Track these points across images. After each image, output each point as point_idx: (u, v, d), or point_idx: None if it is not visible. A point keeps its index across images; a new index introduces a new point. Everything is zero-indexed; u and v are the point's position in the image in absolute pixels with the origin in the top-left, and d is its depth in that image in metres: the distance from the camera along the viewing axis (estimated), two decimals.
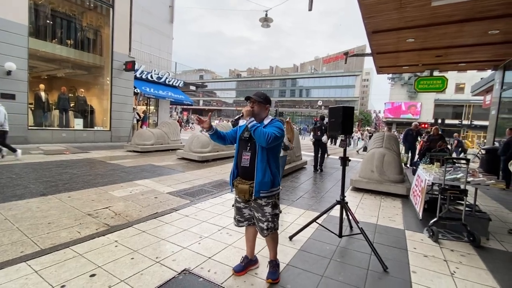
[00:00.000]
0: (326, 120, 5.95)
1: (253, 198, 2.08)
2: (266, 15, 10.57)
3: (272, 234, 2.20)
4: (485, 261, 2.82)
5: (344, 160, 2.89)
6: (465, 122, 31.51)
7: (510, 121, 8.86)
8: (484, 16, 5.01)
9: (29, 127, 9.05)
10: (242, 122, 2.28)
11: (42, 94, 9.94)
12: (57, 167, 5.94)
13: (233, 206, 2.33)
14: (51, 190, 4.24)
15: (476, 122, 30.34)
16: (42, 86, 9.96)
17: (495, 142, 9.00)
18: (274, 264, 2.25)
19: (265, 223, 2.12)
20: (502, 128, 9.34)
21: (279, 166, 2.20)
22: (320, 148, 7.94)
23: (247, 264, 2.34)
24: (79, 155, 7.78)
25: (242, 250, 2.67)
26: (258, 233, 2.24)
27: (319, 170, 7.84)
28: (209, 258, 2.50)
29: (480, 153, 12.91)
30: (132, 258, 2.39)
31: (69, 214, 3.34)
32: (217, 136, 2.23)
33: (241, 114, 2.06)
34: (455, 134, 15.95)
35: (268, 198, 2.09)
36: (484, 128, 30.90)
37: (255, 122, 2.01)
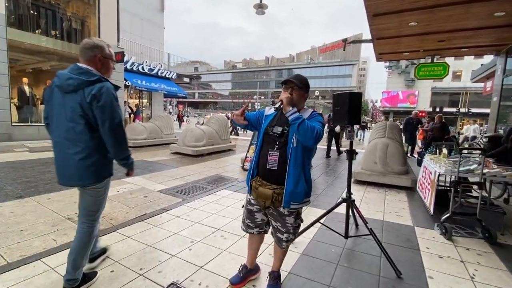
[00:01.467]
0: None
1: (277, 207, 1.73)
2: (261, 1, 10.09)
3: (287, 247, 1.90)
4: (503, 260, 2.57)
5: (351, 153, 2.59)
6: (462, 109, 31.36)
7: None
8: None
9: (13, 124, 8.61)
10: (269, 111, 1.87)
11: (26, 88, 9.45)
12: (41, 165, 5.58)
13: (243, 207, 1.99)
14: (29, 192, 3.90)
15: (473, 110, 30.23)
16: (25, 80, 9.45)
17: (499, 130, 8.78)
18: (275, 275, 1.96)
19: (285, 235, 1.79)
20: (504, 115, 9.13)
21: (310, 171, 1.82)
22: (333, 137, 9.16)
23: (246, 274, 2.03)
24: None
25: (239, 257, 2.39)
26: (275, 243, 1.91)
27: (337, 154, 9.35)
28: (201, 267, 2.21)
29: (482, 140, 12.74)
30: (112, 271, 2.09)
31: (46, 219, 3.02)
32: (245, 125, 1.86)
33: (280, 102, 1.62)
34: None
35: (293, 208, 1.73)
36: (481, 115, 30.87)
37: (298, 113, 1.59)
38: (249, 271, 2.05)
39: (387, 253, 2.36)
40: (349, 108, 2.38)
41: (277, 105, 1.67)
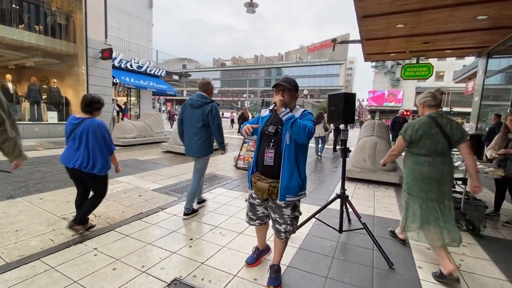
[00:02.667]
0: None
1: (274, 199, 1.88)
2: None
3: (287, 239, 2.01)
4: (487, 251, 2.76)
5: (345, 151, 2.70)
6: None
7: (493, 108, 9.07)
8: (476, 0, 4.91)
9: None
10: (264, 113, 2.03)
11: (10, 85, 9.11)
12: (29, 165, 5.43)
13: (246, 201, 2.18)
14: (20, 192, 3.81)
15: (455, 109, 31.38)
16: (9, 76, 9.11)
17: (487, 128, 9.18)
18: (276, 268, 2.04)
19: (283, 226, 1.91)
20: (484, 114, 9.57)
21: (305, 167, 1.94)
22: (338, 134, 9.85)
23: (260, 254, 2.30)
24: (54, 151, 7.21)
25: (238, 252, 2.46)
26: (275, 235, 2.03)
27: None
28: (202, 263, 2.26)
29: None
30: (114, 269, 2.11)
31: (40, 219, 2.98)
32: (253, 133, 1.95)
33: (274, 104, 1.77)
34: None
35: (290, 201, 1.86)
36: (462, 114, 32.08)
37: (291, 113, 1.72)
38: (261, 252, 2.31)
39: (380, 246, 2.49)
40: (344, 108, 2.48)
41: (271, 107, 1.83)
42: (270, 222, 2.07)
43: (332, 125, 9.51)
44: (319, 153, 8.37)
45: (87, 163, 2.53)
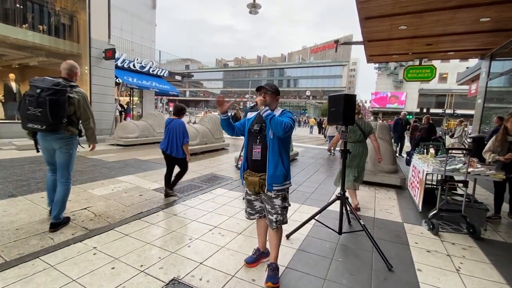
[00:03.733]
0: None
1: (265, 191, 2.04)
2: (254, 0, 10.12)
3: (279, 229, 2.12)
4: (487, 254, 2.73)
5: (345, 153, 2.69)
6: (448, 111, 32.33)
7: (496, 110, 9.00)
8: (478, 3, 4.89)
9: (0, 121, 8.37)
10: (250, 115, 2.23)
11: (13, 84, 9.19)
12: (31, 163, 5.47)
13: (243, 199, 2.29)
14: (21, 191, 3.84)
15: (458, 111, 31.19)
16: (12, 75, 9.19)
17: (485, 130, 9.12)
18: (273, 267, 2.07)
19: (274, 215, 2.06)
20: (487, 117, 9.50)
21: (289, 159, 2.14)
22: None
23: (259, 256, 2.33)
24: None
25: (237, 253, 2.46)
26: (269, 228, 2.17)
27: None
28: (201, 263, 2.26)
29: (466, 141, 13.17)
30: (113, 268, 2.12)
31: (41, 218, 3.00)
32: (227, 123, 2.16)
33: (255, 103, 2.01)
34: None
35: (278, 190, 2.03)
36: (465, 116, 31.85)
37: (270, 111, 1.94)
38: (261, 254, 2.34)
39: (379, 248, 2.48)
40: (344, 109, 2.48)
41: (252, 104, 2.02)
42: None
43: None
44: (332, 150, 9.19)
45: (168, 148, 3.83)
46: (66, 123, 2.66)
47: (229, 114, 2.21)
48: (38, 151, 2.93)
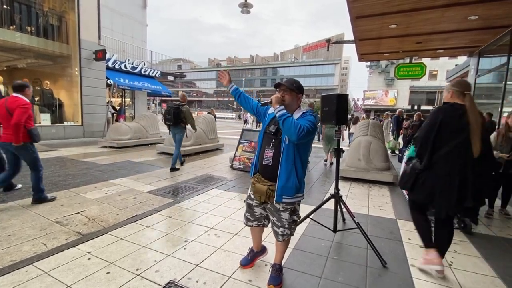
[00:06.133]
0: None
1: (272, 202, 1.87)
2: (246, 0, 10.10)
3: (285, 241, 2.02)
4: (478, 248, 2.80)
5: (338, 151, 2.72)
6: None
7: (485, 106, 9.20)
8: (466, 1, 4.99)
9: None
10: (271, 111, 1.98)
11: (1, 87, 8.95)
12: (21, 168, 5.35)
13: (245, 201, 2.15)
14: (12, 196, 3.77)
15: None
16: (0, 78, 8.97)
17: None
18: (277, 268, 2.05)
19: (280, 229, 1.92)
20: None
21: (305, 169, 1.93)
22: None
23: (254, 256, 2.27)
24: (47, 153, 7.14)
25: (233, 254, 2.46)
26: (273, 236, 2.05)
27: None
28: (197, 265, 2.26)
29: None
30: (108, 273, 2.10)
31: (33, 223, 2.95)
32: (238, 94, 2.03)
33: (270, 100, 1.78)
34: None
35: (288, 204, 1.85)
36: None
37: (285, 111, 1.72)
38: (256, 253, 2.28)
39: (373, 245, 2.51)
40: (337, 109, 2.51)
41: (265, 101, 1.89)
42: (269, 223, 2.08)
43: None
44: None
45: None
46: (180, 121, 5.63)
47: (232, 83, 2.05)
48: (170, 134, 5.99)
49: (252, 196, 2.02)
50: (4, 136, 3.37)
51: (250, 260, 2.25)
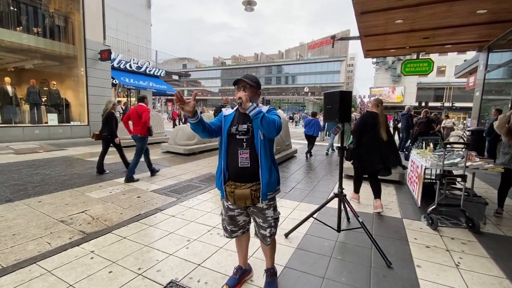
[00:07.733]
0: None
1: (256, 204, 1.77)
2: None
3: (273, 242, 1.94)
4: (486, 248, 2.73)
5: (342, 150, 2.67)
6: (446, 104, 32.30)
7: (495, 102, 8.98)
8: None
9: None
10: (226, 111, 1.88)
11: (9, 88, 9.13)
12: (28, 167, 5.45)
13: (220, 215, 1.96)
14: (19, 195, 3.83)
15: (457, 104, 31.17)
16: (7, 79, 9.13)
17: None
18: (272, 272, 2.00)
19: (268, 229, 1.83)
20: (485, 109, 9.48)
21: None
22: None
23: (242, 275, 2.05)
24: (54, 153, 7.24)
25: (235, 253, 2.43)
26: (260, 242, 1.94)
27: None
28: (199, 265, 2.25)
29: (465, 134, 13.16)
30: (110, 272, 2.11)
31: (38, 222, 2.98)
32: (202, 126, 1.74)
33: (240, 99, 1.60)
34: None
35: (269, 200, 1.80)
36: (464, 109, 31.87)
37: (259, 108, 1.61)
38: (244, 271, 2.07)
39: (378, 245, 2.47)
40: (340, 107, 2.46)
41: (220, 104, 1.78)
42: (254, 229, 1.95)
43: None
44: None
45: None
46: None
47: (199, 113, 1.73)
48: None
49: (231, 206, 1.85)
50: (135, 130, 5.02)
51: (238, 279, 2.01)
